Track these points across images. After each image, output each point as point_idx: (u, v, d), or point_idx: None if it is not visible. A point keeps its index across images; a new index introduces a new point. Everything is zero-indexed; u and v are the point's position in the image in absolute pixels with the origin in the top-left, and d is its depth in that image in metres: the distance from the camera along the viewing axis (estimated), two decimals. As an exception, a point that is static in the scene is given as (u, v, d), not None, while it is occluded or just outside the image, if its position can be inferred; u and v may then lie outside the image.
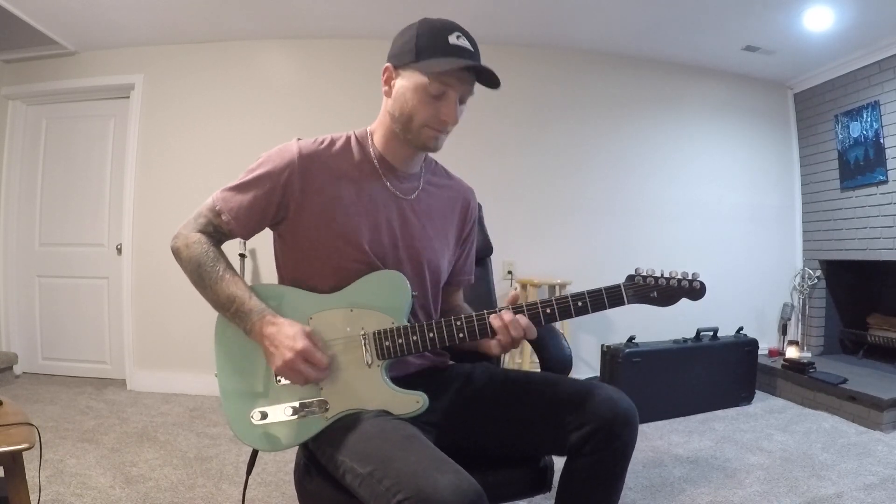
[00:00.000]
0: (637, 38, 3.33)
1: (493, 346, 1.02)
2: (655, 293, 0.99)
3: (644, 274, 0.99)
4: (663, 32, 3.22)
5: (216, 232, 1.06)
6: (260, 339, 0.96)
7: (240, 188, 1.04)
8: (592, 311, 0.99)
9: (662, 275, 1.00)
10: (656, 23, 3.10)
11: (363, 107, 3.20)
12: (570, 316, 0.99)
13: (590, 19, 3.10)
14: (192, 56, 3.34)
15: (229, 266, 1.03)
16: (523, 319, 0.98)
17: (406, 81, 1.01)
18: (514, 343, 0.99)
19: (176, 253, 1.05)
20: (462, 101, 1.03)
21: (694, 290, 0.99)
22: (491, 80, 1.00)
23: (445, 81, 0.98)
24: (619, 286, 0.99)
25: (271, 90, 3.34)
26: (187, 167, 3.31)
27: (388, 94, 1.05)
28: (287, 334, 0.94)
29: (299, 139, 1.07)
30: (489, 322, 0.99)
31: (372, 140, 1.10)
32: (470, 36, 1.02)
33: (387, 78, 1.05)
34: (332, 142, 1.09)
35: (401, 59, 1.02)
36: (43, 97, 3.50)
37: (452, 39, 0.99)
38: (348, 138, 1.10)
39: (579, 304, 0.98)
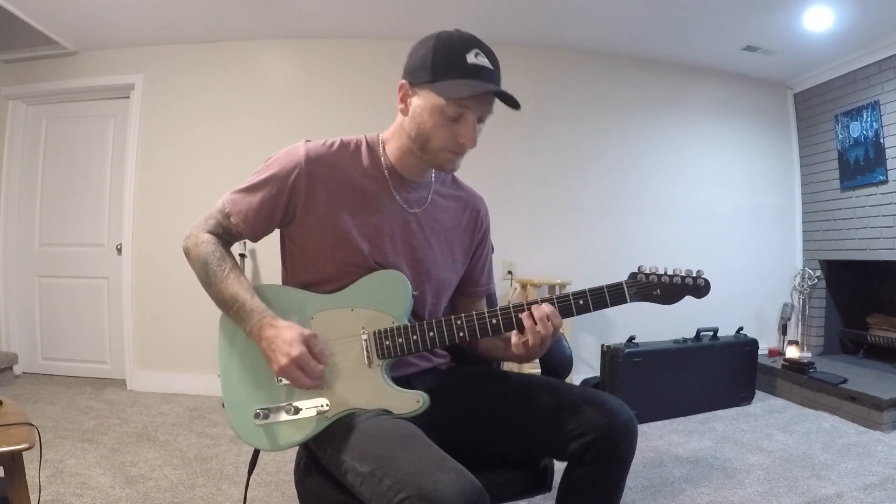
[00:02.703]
0: (637, 38, 3.33)
1: (515, 350, 1.00)
2: (659, 291, 0.98)
3: (647, 271, 0.98)
4: (663, 32, 3.22)
5: (225, 233, 1.07)
6: (259, 342, 0.96)
7: (248, 190, 1.04)
8: (594, 310, 0.98)
9: (666, 272, 0.98)
10: (656, 23, 3.10)
11: (363, 107, 3.25)
12: (571, 314, 0.98)
13: (590, 19, 3.10)
14: (192, 56, 3.34)
15: (235, 266, 1.04)
16: (548, 308, 0.96)
17: (422, 101, 0.98)
18: (542, 343, 0.96)
19: (186, 253, 1.06)
20: (481, 120, 1.00)
21: (698, 287, 0.98)
22: (512, 101, 0.97)
23: (463, 104, 0.95)
24: (621, 284, 0.98)
25: (271, 90, 3.34)
26: (187, 167, 3.31)
27: (405, 112, 1.02)
28: (284, 339, 0.93)
29: (308, 141, 1.06)
30: (491, 325, 0.98)
31: (384, 149, 1.08)
32: (489, 50, 0.98)
33: (402, 95, 1.01)
34: (343, 145, 1.07)
35: (417, 77, 0.98)
36: (43, 97, 3.50)
37: (471, 58, 0.94)
38: (359, 143, 1.08)
39: (581, 302, 0.98)
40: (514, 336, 1.01)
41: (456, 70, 0.94)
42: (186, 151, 3.33)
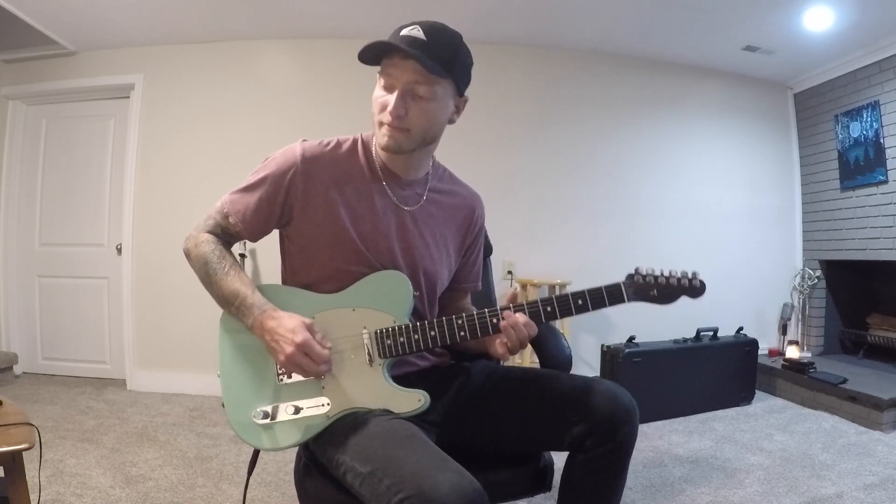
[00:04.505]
0: (637, 38, 3.33)
1: (498, 349, 1.01)
2: (655, 291, 0.99)
3: (644, 273, 1.00)
4: (663, 32, 3.23)
5: (224, 233, 1.07)
6: (261, 334, 0.96)
7: (246, 190, 1.04)
8: (593, 309, 0.99)
9: (662, 273, 1.00)
10: (656, 23, 3.10)
11: (363, 107, 3.22)
12: (570, 314, 0.99)
13: (590, 19, 3.10)
14: (191, 56, 3.34)
15: (235, 263, 1.04)
16: (522, 318, 0.98)
17: None
18: (521, 345, 0.99)
19: (186, 254, 1.06)
20: (412, 93, 0.96)
21: (694, 288, 1.00)
22: (419, 57, 0.92)
23: (385, 71, 0.97)
24: (619, 284, 0.99)
25: (271, 90, 3.34)
26: (187, 167, 3.31)
27: None
28: (287, 327, 0.93)
29: (304, 140, 1.06)
30: (492, 324, 0.99)
31: (375, 146, 1.08)
32: (432, 29, 0.96)
33: None
34: (338, 144, 1.08)
35: None
36: (43, 97, 3.50)
37: (405, 31, 0.96)
38: (355, 141, 1.09)
39: (580, 302, 0.99)
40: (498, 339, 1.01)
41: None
42: (186, 151, 3.33)
